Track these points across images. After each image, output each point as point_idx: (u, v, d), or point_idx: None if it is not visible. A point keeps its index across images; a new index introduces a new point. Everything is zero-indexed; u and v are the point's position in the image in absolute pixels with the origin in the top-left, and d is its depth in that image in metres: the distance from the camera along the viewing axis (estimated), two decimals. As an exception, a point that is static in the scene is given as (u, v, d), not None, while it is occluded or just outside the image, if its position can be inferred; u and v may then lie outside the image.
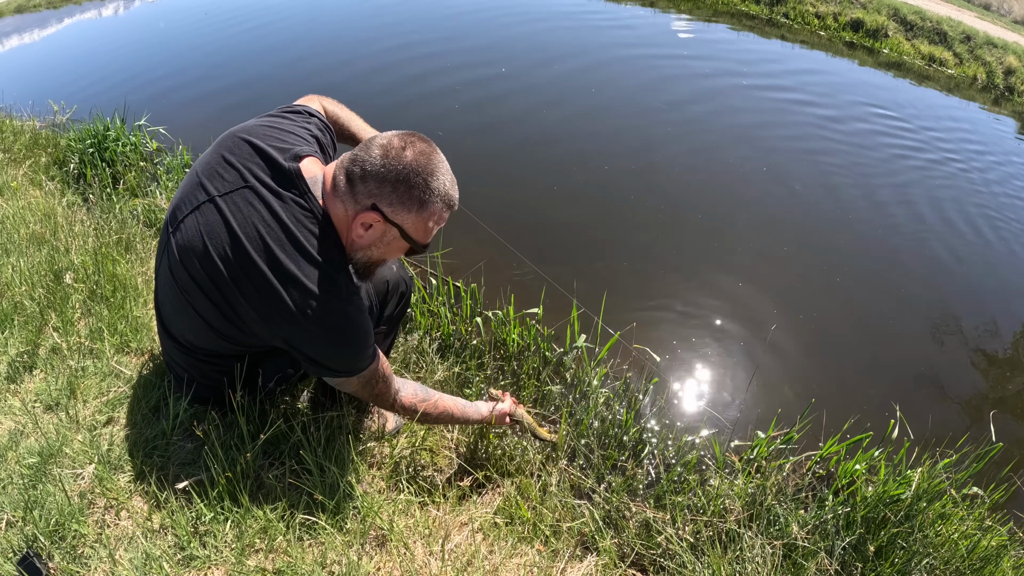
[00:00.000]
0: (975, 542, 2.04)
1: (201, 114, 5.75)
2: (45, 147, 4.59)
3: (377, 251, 1.53)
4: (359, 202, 1.44)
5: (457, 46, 8.09)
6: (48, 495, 1.63)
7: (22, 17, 13.68)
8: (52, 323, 2.28)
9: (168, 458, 1.73)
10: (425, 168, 1.43)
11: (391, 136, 1.46)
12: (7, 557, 1.50)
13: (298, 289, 1.40)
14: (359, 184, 1.43)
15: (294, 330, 1.43)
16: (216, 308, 1.49)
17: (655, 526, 2.05)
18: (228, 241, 1.43)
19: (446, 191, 1.48)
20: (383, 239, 1.49)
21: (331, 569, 1.52)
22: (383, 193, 1.42)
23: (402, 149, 1.42)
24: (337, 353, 1.50)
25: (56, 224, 3.00)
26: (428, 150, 1.45)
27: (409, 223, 1.47)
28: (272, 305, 1.41)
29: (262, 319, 1.44)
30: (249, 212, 1.44)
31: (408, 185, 1.42)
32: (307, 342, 1.47)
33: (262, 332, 1.49)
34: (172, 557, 1.51)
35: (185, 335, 1.64)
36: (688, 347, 3.32)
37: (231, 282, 1.43)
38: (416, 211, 1.45)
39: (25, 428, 1.88)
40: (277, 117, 1.66)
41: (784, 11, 11.64)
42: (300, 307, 1.40)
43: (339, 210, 1.47)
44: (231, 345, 1.59)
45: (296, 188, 1.46)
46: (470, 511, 1.87)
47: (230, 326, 1.52)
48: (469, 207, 4.17)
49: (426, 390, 1.80)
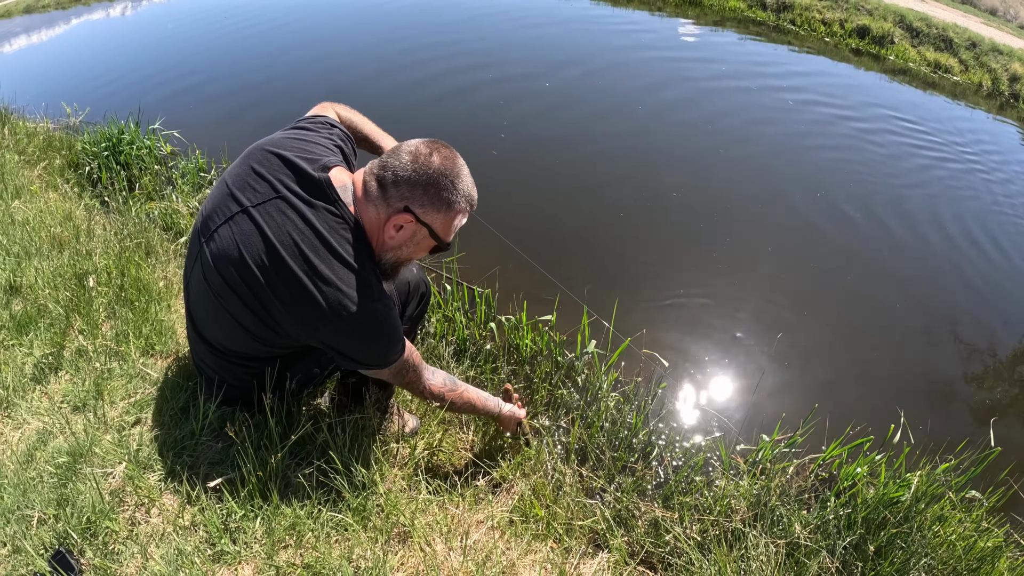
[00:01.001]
0: (972, 543, 2.11)
1: (213, 116, 5.79)
2: (59, 149, 4.64)
3: (407, 251, 1.64)
4: (391, 205, 1.55)
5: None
6: (79, 493, 1.68)
7: (30, 17, 13.70)
8: (77, 326, 2.34)
9: (198, 458, 1.79)
10: (451, 171, 1.55)
11: (417, 143, 1.57)
12: (40, 553, 1.55)
13: (333, 291, 1.49)
14: (391, 188, 1.54)
15: (329, 329, 1.52)
16: (251, 312, 1.57)
17: (663, 525, 2.12)
18: (263, 248, 1.51)
19: (469, 192, 1.61)
20: (413, 239, 1.60)
21: (357, 564, 1.58)
22: (415, 196, 1.54)
23: (429, 155, 1.54)
24: (370, 348, 1.60)
25: (77, 227, 3.07)
26: (452, 155, 1.57)
27: (438, 223, 1.58)
28: (308, 307, 1.50)
29: (299, 321, 1.53)
30: (283, 221, 1.52)
31: (438, 187, 1.54)
32: (342, 340, 1.56)
33: (297, 333, 1.57)
34: (203, 553, 1.57)
35: (218, 339, 1.71)
36: (696, 352, 3.39)
37: (267, 287, 1.51)
38: (444, 211, 1.57)
39: (53, 428, 1.94)
40: (301, 129, 1.74)
41: (791, 17, 11.69)
42: (335, 308, 1.49)
43: (371, 214, 1.57)
44: (264, 347, 1.67)
45: (326, 197, 1.55)
46: (487, 509, 1.94)
47: (265, 328, 1.60)
48: (487, 214, 4.27)
49: (454, 380, 1.92)
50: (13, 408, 2.03)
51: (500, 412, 2.12)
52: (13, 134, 4.86)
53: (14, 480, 1.75)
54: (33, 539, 1.59)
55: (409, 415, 2.22)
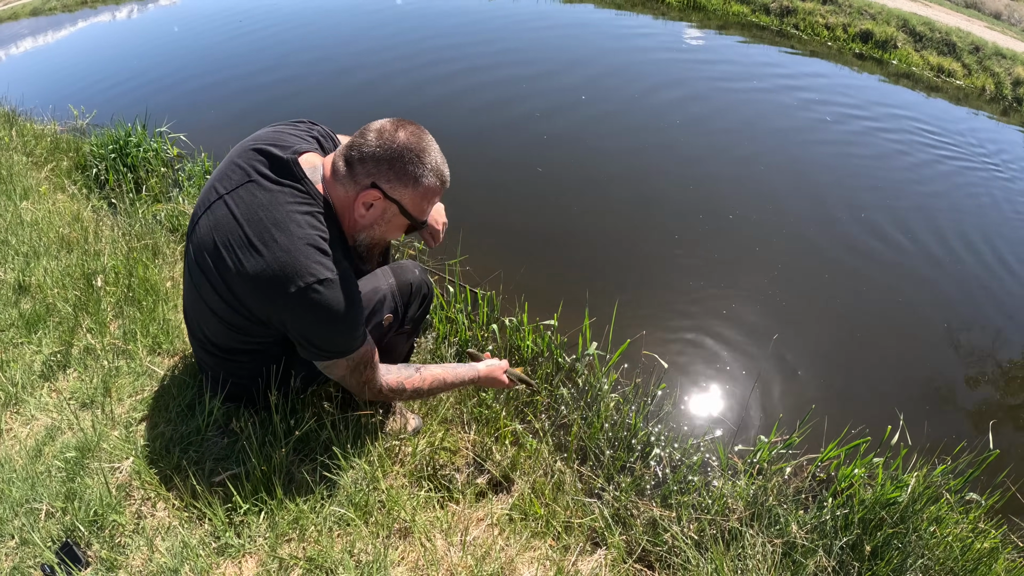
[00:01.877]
0: (968, 544, 2.13)
1: (220, 119, 5.84)
2: (66, 151, 4.69)
3: (379, 229, 1.65)
4: (359, 182, 1.56)
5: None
6: (87, 487, 1.72)
7: (36, 20, 13.78)
8: (86, 324, 2.38)
9: (203, 453, 1.83)
10: (417, 146, 1.56)
11: (383, 121, 1.59)
12: (47, 545, 1.59)
13: (290, 265, 1.47)
14: (358, 166, 1.55)
15: (286, 303, 1.50)
16: (222, 299, 1.59)
17: (661, 524, 2.15)
18: (231, 229, 1.53)
19: (438, 166, 1.61)
20: (384, 217, 1.61)
21: (359, 558, 1.61)
22: (380, 171, 1.54)
23: (395, 131, 1.55)
24: (326, 329, 1.55)
25: (85, 228, 3.11)
26: (418, 131, 1.58)
27: (407, 198, 1.59)
28: (267, 279, 1.48)
29: (259, 296, 1.52)
30: (251, 200, 1.54)
31: (403, 161, 1.54)
32: (297, 317, 1.53)
33: (259, 310, 1.55)
34: (208, 546, 1.61)
35: (207, 335, 1.74)
36: (695, 354, 3.41)
37: (231, 265, 1.52)
38: (412, 186, 1.57)
39: (61, 424, 1.97)
40: (282, 125, 1.76)
41: (794, 22, 11.71)
42: (292, 278, 1.47)
43: (340, 193, 1.58)
44: (241, 337, 1.67)
45: (293, 175, 1.56)
46: (487, 507, 1.97)
47: (234, 314, 1.60)
48: (490, 216, 4.31)
49: (409, 366, 1.84)
50: (22, 404, 2.07)
51: (478, 374, 2.00)
52: (21, 136, 4.91)
53: (22, 474, 1.79)
54: (41, 532, 1.62)
55: (411, 414, 2.24)
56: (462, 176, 4.88)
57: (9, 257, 2.84)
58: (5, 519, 1.67)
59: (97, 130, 4.78)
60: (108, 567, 1.56)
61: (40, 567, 1.54)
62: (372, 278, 1.82)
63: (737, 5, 12.21)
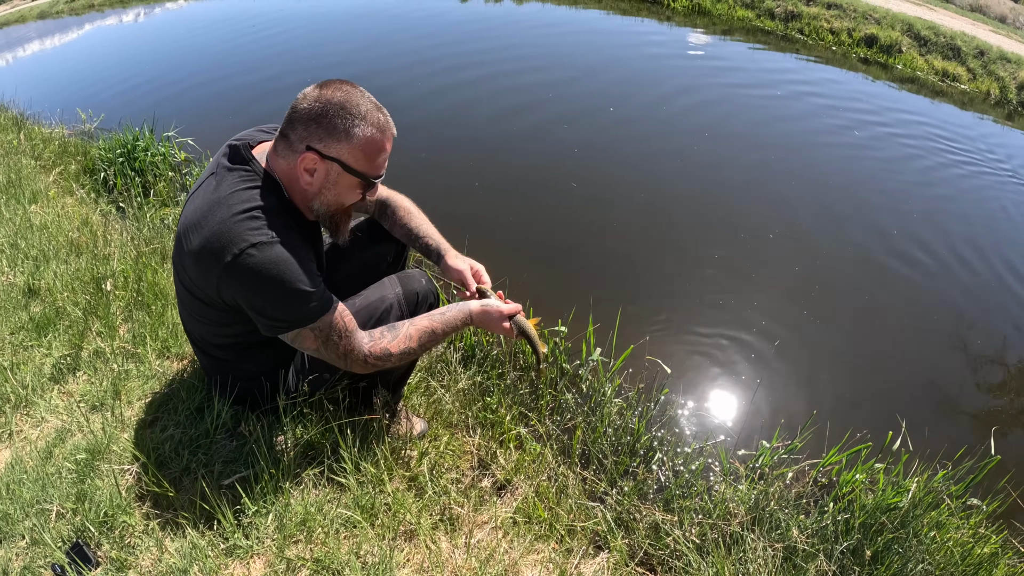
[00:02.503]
0: (968, 549, 2.15)
1: (229, 123, 5.89)
2: (74, 155, 4.74)
3: (331, 194, 1.61)
4: (295, 149, 1.54)
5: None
6: (96, 489, 1.74)
7: (43, 23, 13.86)
8: (95, 328, 2.41)
9: (212, 456, 1.85)
10: (345, 100, 1.52)
11: (307, 88, 1.56)
12: (58, 545, 1.61)
13: (224, 234, 1.48)
14: (291, 134, 1.54)
15: (223, 273, 1.50)
16: (185, 288, 1.65)
17: (663, 528, 2.17)
18: (188, 220, 1.57)
19: (373, 115, 1.55)
20: (328, 179, 1.58)
21: (365, 560, 1.64)
22: (311, 133, 1.52)
23: (318, 91, 1.53)
24: (272, 295, 1.53)
25: (93, 232, 3.15)
26: (343, 85, 1.54)
27: (345, 153, 1.54)
28: (204, 254, 1.51)
29: (201, 273, 1.54)
30: (206, 191, 1.57)
31: (329, 116, 1.51)
32: (242, 287, 1.52)
33: (209, 289, 1.57)
34: (217, 547, 1.63)
35: (192, 333, 1.80)
36: (698, 360, 3.43)
37: (184, 249, 1.57)
38: (346, 140, 1.53)
39: (71, 427, 2.00)
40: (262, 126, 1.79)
41: (799, 27, 11.76)
42: (225, 249, 1.48)
43: (283, 166, 1.58)
44: (216, 328, 1.71)
45: (242, 159, 1.58)
46: (491, 510, 1.99)
47: (197, 302, 1.64)
48: (499, 224, 4.35)
49: (392, 327, 1.74)
50: (32, 407, 2.10)
51: (471, 315, 1.83)
52: (29, 139, 4.97)
53: (33, 475, 1.82)
54: (52, 532, 1.65)
55: (417, 419, 2.26)
56: (472, 183, 4.98)
57: (19, 260, 2.88)
58: (16, 519, 1.70)
59: (104, 134, 4.83)
60: (118, 567, 1.58)
61: (51, 567, 1.56)
62: (379, 287, 1.85)
63: (742, 10, 12.28)
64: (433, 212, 2.11)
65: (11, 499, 1.75)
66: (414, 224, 2.03)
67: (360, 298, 1.82)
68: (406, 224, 2.02)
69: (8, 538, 1.67)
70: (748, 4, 12.45)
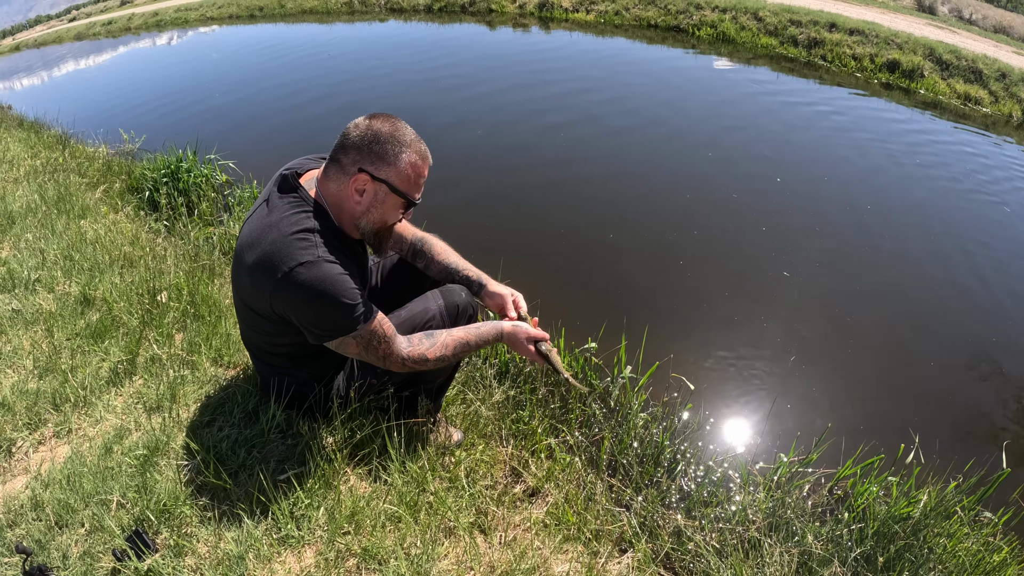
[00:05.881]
0: (979, 558, 2.24)
1: (267, 148, 6.13)
2: (118, 174, 4.94)
3: (377, 212, 1.79)
4: (347, 172, 1.74)
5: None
6: (156, 482, 1.87)
7: (81, 44, 14.22)
8: (152, 336, 2.57)
9: (267, 453, 1.99)
10: (393, 130, 1.73)
11: (360, 119, 1.77)
12: (119, 532, 1.74)
13: (276, 254, 1.67)
14: (344, 158, 1.74)
15: (275, 289, 1.68)
16: (244, 303, 1.83)
17: (685, 532, 2.29)
18: (244, 241, 1.77)
19: (416, 144, 1.76)
20: (376, 198, 1.77)
21: (408, 551, 1.77)
22: (363, 157, 1.72)
23: (369, 121, 1.73)
24: (318, 308, 1.70)
25: (144, 248, 3.33)
26: (391, 118, 1.75)
27: (393, 176, 1.74)
28: (258, 272, 1.69)
29: (255, 289, 1.73)
30: (260, 216, 1.77)
31: (382, 143, 1.71)
32: (291, 302, 1.70)
33: (264, 305, 1.75)
34: (271, 536, 1.76)
35: (251, 343, 1.99)
36: (720, 376, 3.55)
37: (242, 266, 1.76)
38: (394, 164, 1.73)
39: (129, 425, 2.14)
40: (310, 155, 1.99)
41: (821, 53, 11.90)
42: (276, 267, 1.66)
43: (333, 189, 1.77)
44: (271, 338, 1.88)
45: (291, 187, 1.78)
46: (523, 513, 2.12)
47: (253, 315, 1.83)
48: (534, 247, 4.50)
49: (429, 335, 1.92)
50: (91, 407, 2.24)
51: (502, 332, 2.03)
52: (74, 157, 5.19)
53: (93, 468, 1.95)
54: (112, 520, 1.77)
55: (454, 429, 2.41)
56: (506, 206, 5.15)
57: (73, 272, 3.05)
58: (76, 508, 1.83)
59: (147, 154, 5.04)
60: (176, 553, 1.71)
61: (111, 552, 1.67)
62: (423, 300, 2.02)
63: (765, 37, 12.44)
64: (473, 232, 2.27)
65: (71, 489, 1.88)
66: (451, 260, 2.20)
67: (405, 310, 2.00)
68: (443, 261, 2.19)
69: (68, 526, 1.80)
70: (772, 32, 12.62)
